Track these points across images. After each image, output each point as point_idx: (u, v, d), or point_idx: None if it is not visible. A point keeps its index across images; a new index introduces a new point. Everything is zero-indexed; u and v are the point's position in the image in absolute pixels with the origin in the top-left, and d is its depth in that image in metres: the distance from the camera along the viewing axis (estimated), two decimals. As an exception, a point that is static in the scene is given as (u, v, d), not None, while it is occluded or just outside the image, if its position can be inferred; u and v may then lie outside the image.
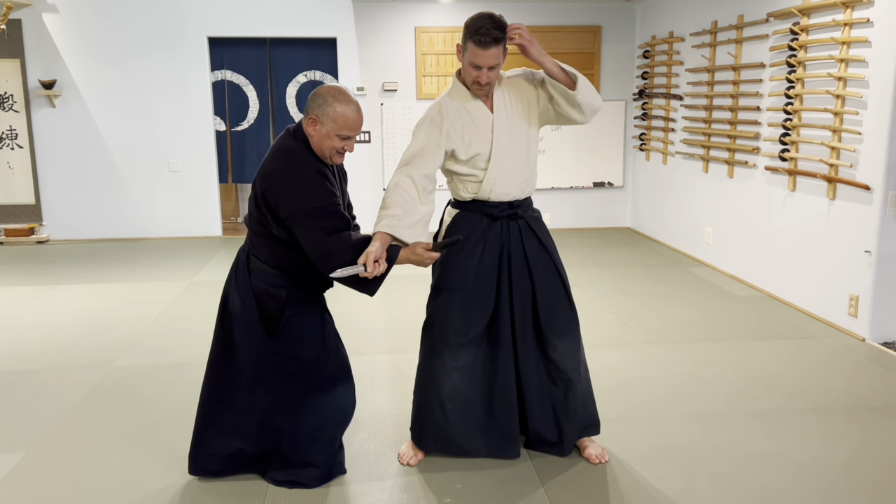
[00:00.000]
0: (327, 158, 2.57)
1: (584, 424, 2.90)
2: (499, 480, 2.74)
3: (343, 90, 2.53)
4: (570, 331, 2.83)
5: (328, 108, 2.49)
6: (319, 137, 2.53)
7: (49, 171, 7.37)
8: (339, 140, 2.52)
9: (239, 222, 8.75)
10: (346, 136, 2.52)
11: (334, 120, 2.49)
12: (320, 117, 2.50)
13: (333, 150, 2.54)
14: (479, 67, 2.57)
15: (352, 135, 2.53)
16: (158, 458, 2.94)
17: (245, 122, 7.68)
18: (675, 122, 6.85)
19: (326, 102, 2.49)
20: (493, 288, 2.76)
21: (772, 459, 2.90)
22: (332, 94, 2.50)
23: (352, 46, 7.45)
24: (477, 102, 2.71)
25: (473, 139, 2.68)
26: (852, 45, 4.34)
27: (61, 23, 7.14)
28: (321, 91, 2.52)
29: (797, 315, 4.81)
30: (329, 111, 2.49)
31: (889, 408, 3.39)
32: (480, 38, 2.52)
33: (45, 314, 4.92)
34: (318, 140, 2.53)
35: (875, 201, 4.20)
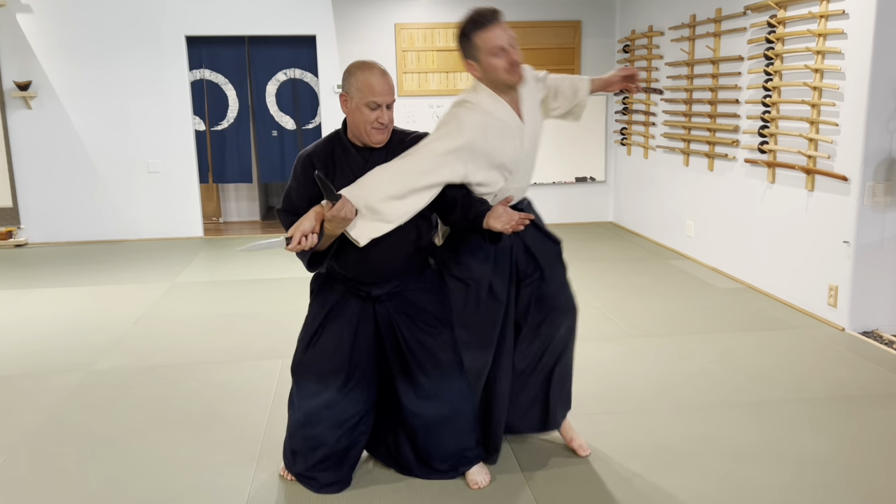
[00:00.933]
0: (366, 136, 2.45)
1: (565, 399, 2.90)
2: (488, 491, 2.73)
3: (368, 61, 2.45)
4: (572, 308, 2.81)
5: (352, 79, 2.41)
6: (352, 114, 2.44)
7: (26, 174, 7.28)
8: (370, 111, 2.39)
9: (221, 223, 8.69)
10: (374, 105, 2.39)
11: (359, 90, 2.39)
12: (348, 91, 2.42)
13: (367, 124, 2.42)
14: (505, 49, 2.43)
15: (380, 101, 2.39)
16: (138, 461, 2.90)
17: (225, 121, 7.63)
18: (656, 116, 6.87)
19: (350, 74, 2.42)
20: (504, 295, 2.66)
21: (755, 450, 2.92)
22: (356, 66, 2.43)
23: (331, 44, 7.42)
24: (505, 107, 2.53)
25: (499, 152, 2.52)
26: (828, 37, 4.38)
27: (36, 23, 7.05)
28: (348, 67, 2.45)
29: (778, 306, 4.85)
30: (353, 81, 2.41)
31: (869, 396, 3.42)
32: (485, 18, 2.41)
33: (24, 318, 4.85)
34: (352, 118, 2.45)
35: (853, 192, 4.24)
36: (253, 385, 3.66)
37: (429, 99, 7.63)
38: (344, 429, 2.60)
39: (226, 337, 4.41)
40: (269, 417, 3.28)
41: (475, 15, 2.46)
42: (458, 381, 2.63)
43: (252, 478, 2.76)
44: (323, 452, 2.61)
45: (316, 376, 2.58)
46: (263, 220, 8.81)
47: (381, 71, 2.42)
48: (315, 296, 2.68)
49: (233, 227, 8.42)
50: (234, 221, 8.80)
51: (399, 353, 2.61)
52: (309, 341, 2.62)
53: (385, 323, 2.60)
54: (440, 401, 2.61)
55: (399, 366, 2.62)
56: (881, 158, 4.15)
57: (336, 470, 2.64)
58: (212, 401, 3.48)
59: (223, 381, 3.71)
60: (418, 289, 2.60)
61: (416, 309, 2.59)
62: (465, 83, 7.60)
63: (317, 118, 7.70)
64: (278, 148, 7.74)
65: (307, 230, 2.33)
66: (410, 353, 2.58)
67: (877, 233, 4.24)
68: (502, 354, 2.72)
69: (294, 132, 7.73)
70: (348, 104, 2.44)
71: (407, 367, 2.60)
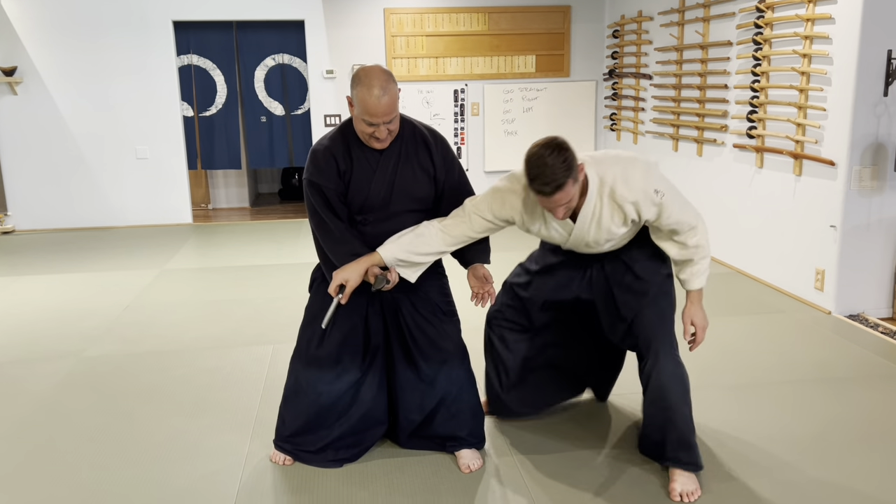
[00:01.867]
0: (366, 143, 2.46)
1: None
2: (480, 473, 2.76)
3: (372, 71, 2.34)
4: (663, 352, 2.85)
5: (354, 90, 2.35)
6: (355, 121, 2.44)
7: (13, 161, 7.22)
8: (366, 125, 2.37)
9: (210, 209, 8.66)
10: (370, 123, 2.36)
11: (358, 104, 2.35)
12: (352, 99, 2.40)
13: (365, 134, 2.42)
14: (555, 204, 2.32)
15: (375, 122, 2.35)
16: (129, 448, 2.91)
17: (213, 107, 7.58)
18: (645, 102, 6.88)
19: (354, 84, 2.36)
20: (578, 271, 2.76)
21: (743, 432, 2.95)
22: (359, 76, 2.35)
23: (320, 29, 7.37)
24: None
25: (549, 233, 2.56)
26: (816, 22, 4.39)
27: (21, 7, 6.97)
28: (356, 71, 2.40)
29: (765, 290, 4.89)
30: (355, 93, 2.35)
31: (855, 378, 3.46)
32: (539, 187, 2.27)
33: (13, 305, 4.83)
34: (355, 123, 2.45)
35: (839, 176, 4.26)
36: (244, 371, 3.66)
37: (418, 84, 7.60)
38: (365, 408, 2.69)
39: (216, 323, 4.41)
40: (261, 403, 3.29)
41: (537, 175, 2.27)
42: (458, 370, 2.69)
43: (244, 463, 2.78)
44: (339, 431, 2.69)
45: (334, 363, 2.64)
46: (252, 207, 8.78)
47: (381, 89, 2.31)
48: (319, 286, 2.70)
49: (222, 213, 8.39)
50: (224, 208, 8.76)
51: (402, 339, 2.67)
52: (324, 334, 2.64)
53: (390, 310, 2.66)
54: (435, 387, 2.67)
55: (402, 351, 2.69)
56: (868, 143, 4.17)
57: (352, 447, 2.74)
58: (203, 387, 3.48)
59: (214, 368, 3.71)
60: (424, 278, 2.64)
61: (420, 297, 2.65)
62: (454, 69, 7.58)
63: (305, 104, 7.66)
64: (267, 134, 7.71)
65: (355, 286, 2.46)
66: (413, 339, 2.64)
67: (863, 217, 4.28)
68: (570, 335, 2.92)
69: (283, 118, 7.69)
70: (352, 110, 2.43)
71: (409, 353, 2.67)
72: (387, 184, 2.51)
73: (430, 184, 2.58)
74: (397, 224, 2.55)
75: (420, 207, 2.59)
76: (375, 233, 2.54)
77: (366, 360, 2.68)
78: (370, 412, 2.71)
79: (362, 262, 2.47)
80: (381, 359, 2.71)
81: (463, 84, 7.66)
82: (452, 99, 7.68)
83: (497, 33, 7.58)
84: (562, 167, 2.22)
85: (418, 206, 2.59)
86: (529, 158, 2.29)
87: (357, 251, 2.49)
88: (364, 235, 2.55)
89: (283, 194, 9.34)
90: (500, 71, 7.68)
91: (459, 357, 2.70)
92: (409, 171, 2.53)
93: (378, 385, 2.71)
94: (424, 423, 2.75)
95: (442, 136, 2.63)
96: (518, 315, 2.88)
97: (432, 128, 2.64)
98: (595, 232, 2.48)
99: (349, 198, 2.52)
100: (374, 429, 2.76)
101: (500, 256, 3.49)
